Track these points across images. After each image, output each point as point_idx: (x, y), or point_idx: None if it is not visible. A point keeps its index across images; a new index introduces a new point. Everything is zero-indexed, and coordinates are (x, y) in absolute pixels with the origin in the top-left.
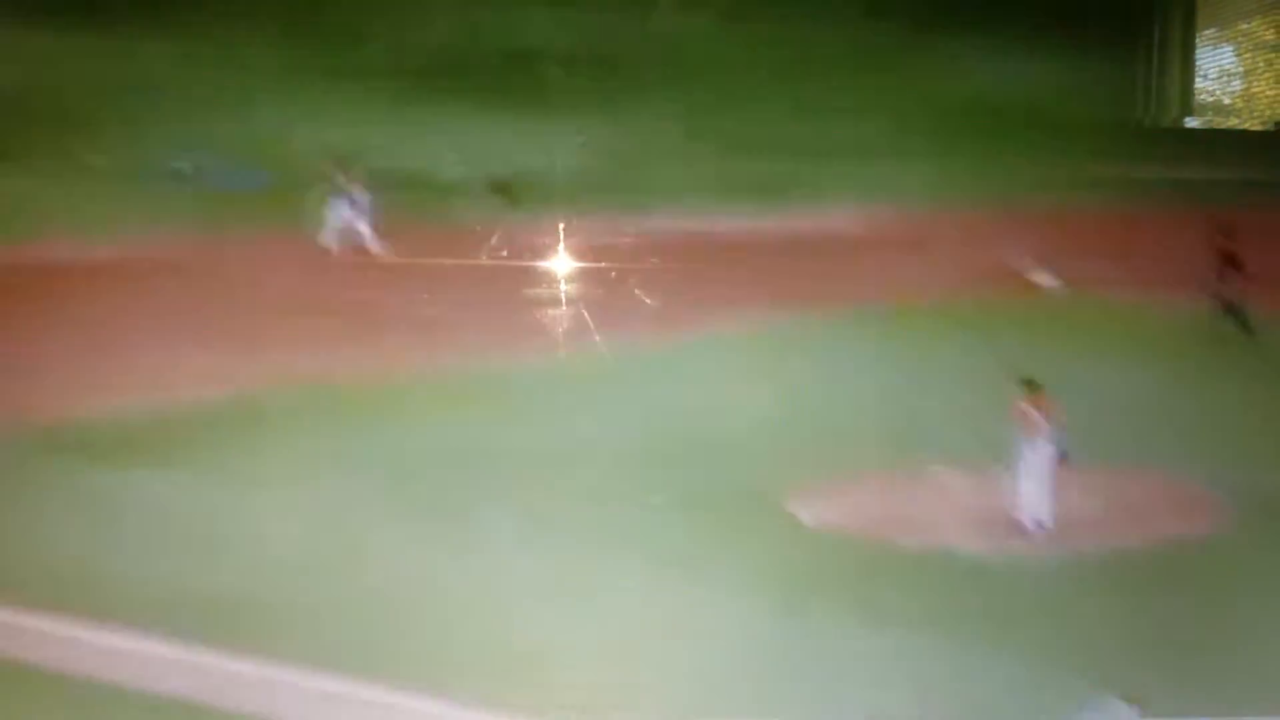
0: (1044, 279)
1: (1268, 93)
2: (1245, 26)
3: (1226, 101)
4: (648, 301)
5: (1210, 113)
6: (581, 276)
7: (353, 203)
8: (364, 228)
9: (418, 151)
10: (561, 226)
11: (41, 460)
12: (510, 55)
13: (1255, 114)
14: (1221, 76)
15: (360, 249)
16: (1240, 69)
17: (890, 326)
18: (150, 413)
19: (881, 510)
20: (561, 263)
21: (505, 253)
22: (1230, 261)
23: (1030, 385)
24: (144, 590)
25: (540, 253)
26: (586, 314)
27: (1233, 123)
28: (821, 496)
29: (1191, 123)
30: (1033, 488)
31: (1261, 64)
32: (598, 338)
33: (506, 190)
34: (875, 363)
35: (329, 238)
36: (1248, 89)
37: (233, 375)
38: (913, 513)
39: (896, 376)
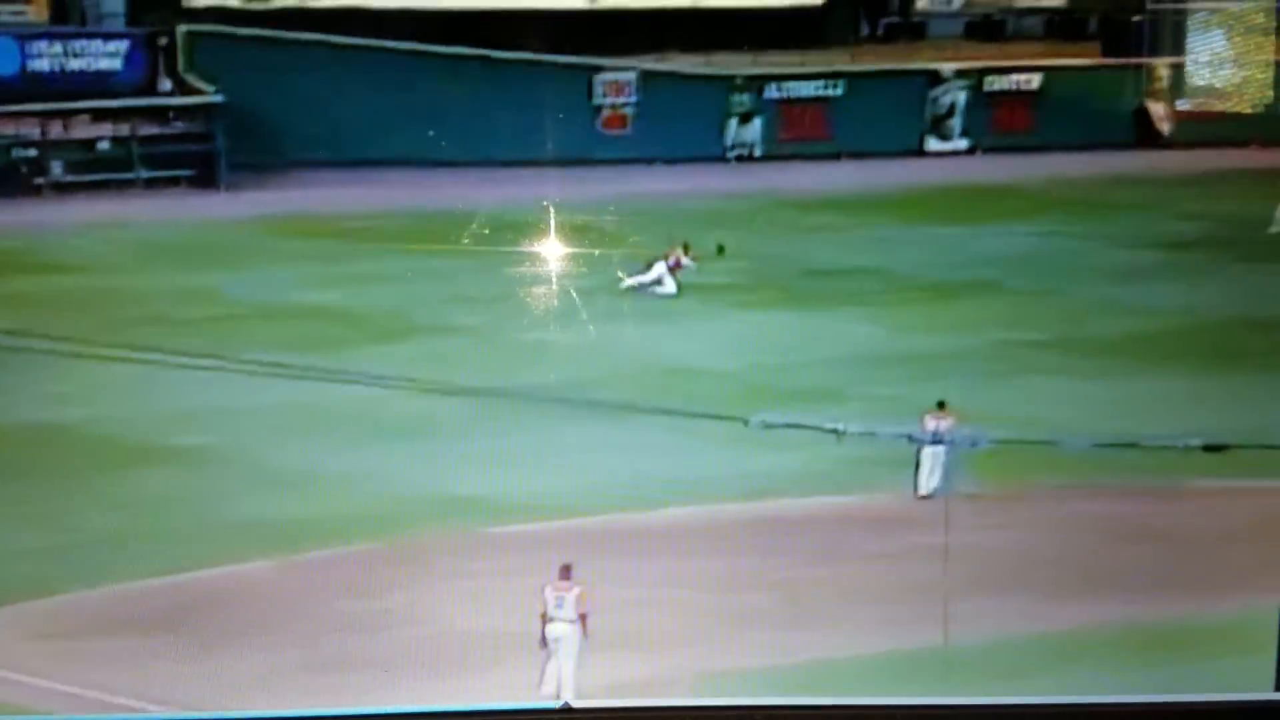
0: None
1: (1258, 76)
2: (1236, 10)
3: (1218, 85)
4: None
5: (1203, 96)
6: None
7: None
8: None
9: None
10: None
11: None
12: None
13: (1247, 98)
14: (1213, 60)
15: None
16: (1231, 53)
17: None
18: None
19: None
20: None
21: None
22: None
23: None
24: None
25: None
26: None
27: (1224, 107)
28: None
29: (1183, 105)
30: None
31: (1253, 47)
32: None
33: None
34: None
35: None
36: (1239, 73)
37: None
38: None
39: None
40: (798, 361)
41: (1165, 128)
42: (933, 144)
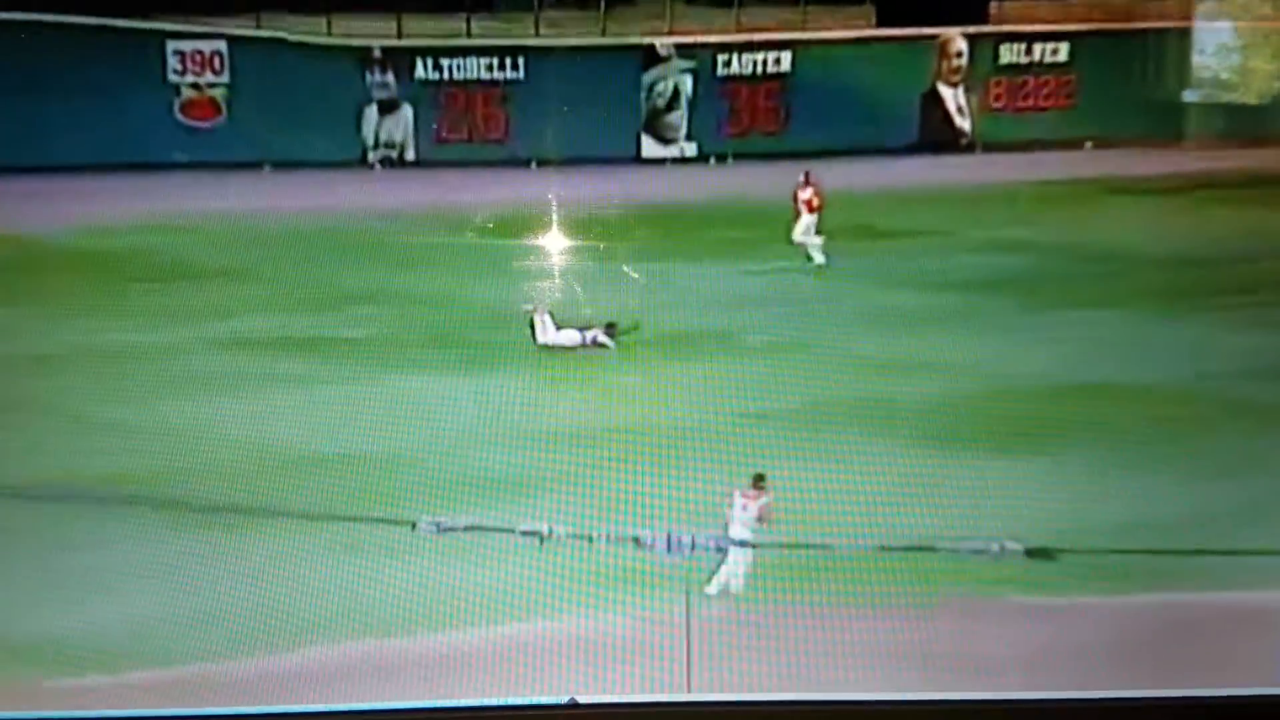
0: None
1: (1265, 67)
2: (1243, 0)
3: (1224, 76)
4: None
5: (1208, 87)
6: None
7: None
8: None
9: None
10: None
11: None
12: None
13: (1252, 89)
14: (1219, 51)
15: None
16: (1238, 43)
17: None
18: None
19: None
20: None
21: None
22: None
23: None
24: None
25: None
26: None
27: (1230, 97)
28: None
29: (1190, 97)
30: None
31: (1259, 38)
32: None
33: None
34: None
35: None
36: (1245, 63)
37: None
38: None
39: None
40: (477, 441)
41: (966, 124)
42: (652, 148)
